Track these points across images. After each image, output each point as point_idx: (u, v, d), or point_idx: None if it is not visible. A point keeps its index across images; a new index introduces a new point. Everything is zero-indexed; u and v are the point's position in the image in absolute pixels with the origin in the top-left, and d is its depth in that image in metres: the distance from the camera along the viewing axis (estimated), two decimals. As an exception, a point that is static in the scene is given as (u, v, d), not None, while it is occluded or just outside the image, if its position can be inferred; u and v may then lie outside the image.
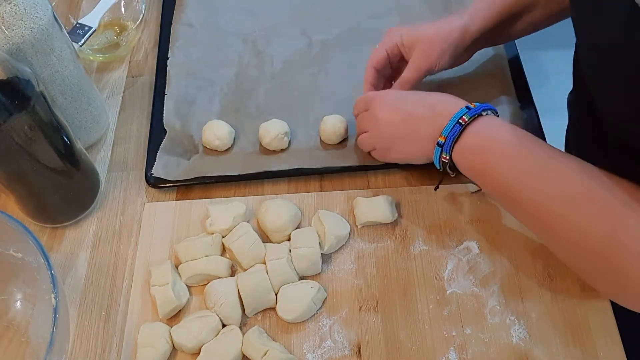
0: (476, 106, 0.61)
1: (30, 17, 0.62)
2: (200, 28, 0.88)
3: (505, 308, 0.62)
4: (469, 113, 0.60)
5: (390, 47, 0.71)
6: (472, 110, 0.60)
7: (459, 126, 0.60)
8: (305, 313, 0.62)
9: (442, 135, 0.61)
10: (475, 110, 0.60)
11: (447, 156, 0.61)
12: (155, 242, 0.69)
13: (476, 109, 0.60)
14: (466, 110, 0.60)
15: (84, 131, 0.75)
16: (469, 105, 0.61)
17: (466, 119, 0.60)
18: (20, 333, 0.63)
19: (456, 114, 0.60)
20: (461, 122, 0.60)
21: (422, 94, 0.66)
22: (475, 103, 0.61)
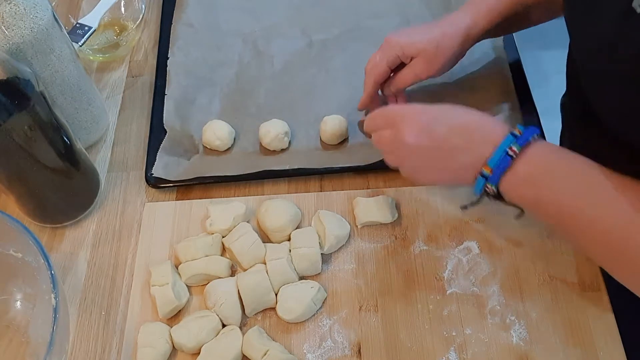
0: (522, 132, 0.55)
1: (30, 17, 0.62)
2: (200, 28, 0.88)
3: (505, 308, 0.62)
4: (518, 142, 0.54)
5: (392, 60, 0.69)
6: (521, 138, 0.54)
7: (508, 158, 0.54)
8: (305, 313, 0.62)
9: (488, 166, 0.55)
10: (525, 138, 0.54)
11: (493, 187, 0.56)
12: (155, 242, 0.69)
13: (524, 136, 0.55)
14: (513, 138, 0.55)
15: (84, 131, 0.75)
16: (514, 132, 0.55)
17: (516, 149, 0.54)
18: (20, 333, 0.63)
19: (503, 142, 0.55)
20: (511, 153, 0.54)
21: (454, 114, 0.59)
22: (519, 127, 0.56)
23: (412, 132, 0.58)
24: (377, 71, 0.70)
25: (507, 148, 0.54)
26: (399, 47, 0.68)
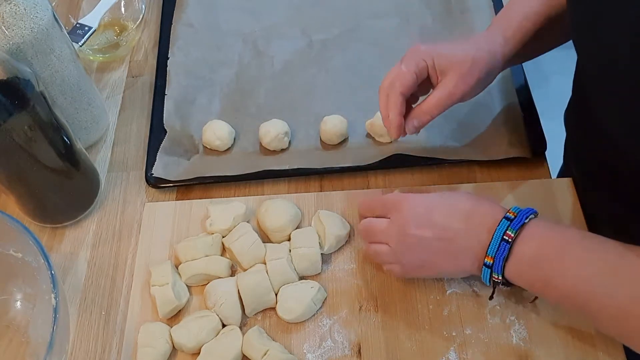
0: (517, 214, 0.54)
1: (30, 17, 0.62)
2: (200, 28, 0.88)
3: (505, 308, 0.62)
4: (512, 226, 0.53)
5: (420, 70, 0.61)
6: (515, 221, 0.54)
7: (505, 244, 0.53)
8: (305, 313, 0.62)
9: (489, 255, 0.54)
10: (519, 222, 0.54)
11: (499, 276, 0.55)
12: (155, 242, 0.69)
13: (518, 218, 0.54)
14: (507, 222, 0.54)
15: (84, 131, 0.75)
16: (508, 215, 0.54)
17: (512, 234, 0.53)
18: (20, 333, 0.63)
19: (498, 229, 0.54)
20: (507, 238, 0.53)
21: (451, 199, 0.58)
22: (513, 208, 0.55)
23: (412, 223, 0.57)
24: (403, 81, 0.61)
25: (502, 234, 0.54)
26: (430, 56, 0.61)
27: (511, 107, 0.75)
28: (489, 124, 0.74)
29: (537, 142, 0.72)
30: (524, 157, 0.71)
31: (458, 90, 0.61)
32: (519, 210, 0.55)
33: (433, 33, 0.84)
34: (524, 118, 0.74)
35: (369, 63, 0.82)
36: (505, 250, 0.53)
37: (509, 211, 0.55)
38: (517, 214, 0.54)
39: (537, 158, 0.72)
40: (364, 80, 0.81)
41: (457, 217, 0.57)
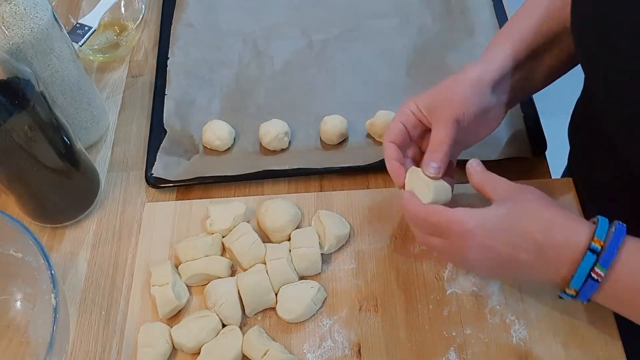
0: (605, 244, 0.48)
1: (30, 17, 0.62)
2: (200, 28, 0.88)
3: (505, 308, 0.62)
4: (602, 263, 0.48)
5: (406, 118, 0.60)
6: (605, 256, 0.47)
7: (594, 282, 0.48)
8: (305, 313, 0.62)
9: (572, 288, 0.50)
10: (610, 254, 0.47)
11: (584, 302, 0.52)
12: (155, 242, 0.69)
13: (608, 251, 0.47)
14: (594, 257, 0.48)
15: (84, 131, 0.75)
16: (594, 246, 0.48)
17: (601, 273, 0.48)
18: (20, 333, 0.63)
19: (583, 264, 0.48)
20: (595, 277, 0.48)
21: (513, 221, 0.51)
22: (597, 230, 0.48)
23: (472, 249, 0.52)
24: (392, 132, 0.60)
25: (589, 271, 0.48)
26: (412, 103, 0.60)
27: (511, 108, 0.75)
28: None
29: (537, 142, 0.72)
30: (524, 157, 0.71)
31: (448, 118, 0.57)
32: (605, 235, 0.48)
33: (433, 33, 0.85)
34: (524, 118, 0.74)
35: (369, 63, 0.82)
36: (594, 287, 0.49)
37: (594, 239, 0.48)
38: (606, 243, 0.48)
39: (537, 158, 0.72)
40: (364, 80, 0.81)
41: (524, 246, 0.50)
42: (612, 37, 0.49)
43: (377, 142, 0.74)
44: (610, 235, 0.48)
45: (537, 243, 0.50)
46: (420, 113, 0.60)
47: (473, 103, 0.58)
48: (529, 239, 0.50)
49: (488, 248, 0.51)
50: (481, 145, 0.71)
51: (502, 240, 0.51)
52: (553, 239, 0.50)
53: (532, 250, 0.50)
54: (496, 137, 0.73)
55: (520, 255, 0.51)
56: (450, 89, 0.59)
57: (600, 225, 0.49)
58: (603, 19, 0.50)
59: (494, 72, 0.60)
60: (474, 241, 0.51)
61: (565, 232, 0.50)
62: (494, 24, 0.84)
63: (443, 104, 0.58)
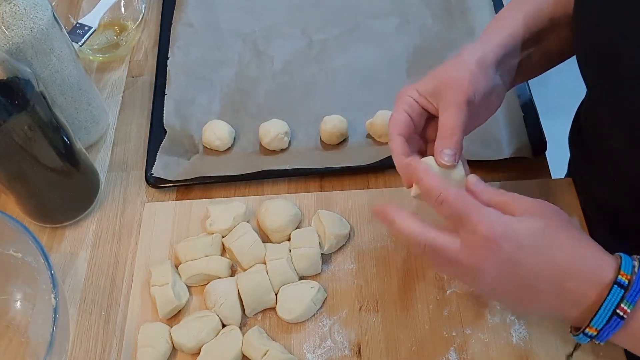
0: (632, 278, 0.44)
1: (30, 17, 0.62)
2: (200, 28, 0.88)
3: (505, 308, 0.62)
4: (629, 298, 0.44)
5: (409, 106, 0.56)
6: (632, 292, 0.44)
7: (618, 320, 0.45)
8: (305, 313, 0.62)
9: (592, 327, 0.46)
10: (638, 291, 0.44)
11: (599, 343, 0.48)
12: (155, 242, 0.69)
13: (636, 286, 0.44)
14: (621, 291, 0.44)
15: (84, 131, 0.75)
16: (621, 280, 0.44)
17: (627, 309, 0.44)
18: (20, 333, 0.63)
19: (608, 299, 0.44)
20: (621, 313, 0.44)
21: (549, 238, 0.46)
22: (623, 264, 0.45)
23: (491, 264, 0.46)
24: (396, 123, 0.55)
25: (615, 307, 0.44)
26: (413, 90, 0.56)
27: (511, 107, 0.75)
28: (489, 124, 0.74)
29: (537, 142, 0.72)
30: (524, 157, 0.71)
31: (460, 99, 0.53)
32: (631, 269, 0.45)
33: (433, 33, 0.84)
34: (525, 118, 0.74)
35: (369, 63, 0.82)
36: (617, 326, 0.45)
37: (620, 272, 0.45)
38: (633, 277, 0.44)
39: (538, 158, 0.72)
40: (364, 80, 0.81)
41: (547, 275, 0.46)
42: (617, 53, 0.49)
43: (377, 142, 0.74)
44: (637, 270, 0.45)
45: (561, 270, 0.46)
46: (424, 99, 0.56)
47: (481, 82, 0.55)
48: (554, 265, 0.46)
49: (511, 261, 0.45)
50: (482, 145, 0.72)
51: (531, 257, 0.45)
52: (578, 269, 0.46)
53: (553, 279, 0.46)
54: (496, 137, 0.73)
55: (541, 284, 0.46)
56: (456, 70, 0.55)
57: (625, 260, 0.46)
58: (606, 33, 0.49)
59: (495, 51, 0.57)
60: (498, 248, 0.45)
61: (592, 264, 0.46)
62: (494, 24, 0.84)
63: (451, 86, 0.54)
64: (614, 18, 0.49)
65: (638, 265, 0.45)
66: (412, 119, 0.56)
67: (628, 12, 0.48)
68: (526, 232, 0.46)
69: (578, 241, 0.47)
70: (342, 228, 0.66)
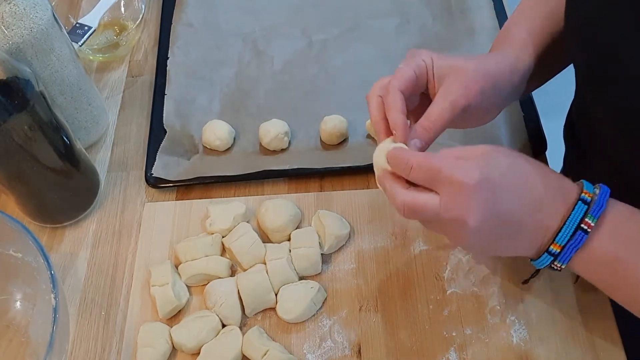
0: (594, 196, 0.47)
1: (30, 17, 0.62)
2: (200, 28, 0.88)
3: (505, 308, 0.62)
4: (592, 213, 0.46)
5: (420, 69, 0.54)
6: (596, 205, 0.46)
7: (582, 234, 0.46)
8: (305, 313, 0.62)
9: (557, 244, 0.47)
10: (600, 205, 0.46)
11: (561, 265, 0.49)
12: (155, 242, 0.69)
13: (600, 201, 0.46)
14: (584, 207, 0.46)
15: (84, 131, 0.75)
16: (585, 197, 0.47)
17: (591, 223, 0.46)
18: (20, 333, 0.63)
19: (573, 213, 0.46)
20: (585, 227, 0.46)
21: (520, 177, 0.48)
22: (587, 186, 0.48)
23: (475, 211, 0.46)
24: (401, 77, 0.53)
25: (579, 221, 0.46)
26: (429, 56, 0.54)
27: (511, 107, 0.75)
28: (489, 123, 0.74)
29: (537, 142, 0.72)
30: (524, 157, 0.71)
31: (460, 100, 0.52)
32: (593, 189, 0.47)
33: (433, 33, 0.84)
34: (524, 118, 0.74)
35: (369, 63, 0.82)
36: (581, 240, 0.46)
37: (583, 191, 0.47)
38: (595, 195, 0.47)
39: (538, 158, 0.71)
40: (364, 80, 0.80)
41: (527, 206, 0.47)
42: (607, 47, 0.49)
43: (377, 142, 0.74)
44: (598, 190, 0.47)
45: (538, 198, 0.47)
46: (432, 73, 0.54)
47: (487, 98, 0.54)
48: (531, 195, 0.47)
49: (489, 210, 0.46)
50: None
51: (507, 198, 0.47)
52: (550, 191, 0.48)
53: (532, 208, 0.47)
54: (496, 137, 0.73)
55: (524, 216, 0.47)
56: (473, 76, 0.53)
57: (587, 183, 0.48)
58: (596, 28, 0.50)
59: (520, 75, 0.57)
60: (476, 201, 0.46)
61: (559, 188, 0.48)
62: (494, 24, 0.84)
63: (459, 84, 0.53)
64: (604, 12, 0.49)
65: (600, 187, 0.48)
66: (417, 79, 0.54)
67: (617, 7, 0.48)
68: (499, 171, 0.47)
69: (543, 171, 0.49)
70: (342, 228, 0.66)
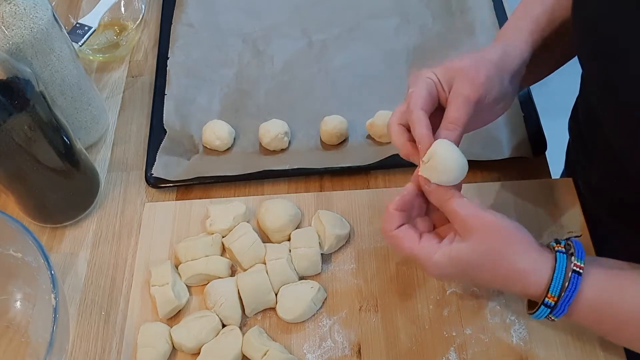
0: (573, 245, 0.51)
1: (30, 17, 0.62)
2: (200, 28, 0.88)
3: (505, 308, 0.62)
4: (578, 255, 0.50)
5: (429, 87, 0.56)
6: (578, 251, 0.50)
7: (577, 277, 0.49)
8: (305, 313, 0.62)
9: (551, 295, 0.50)
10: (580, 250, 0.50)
11: (555, 318, 0.52)
12: (155, 242, 0.69)
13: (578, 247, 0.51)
14: (547, 310, 0.51)
15: (84, 131, 0.75)
16: (548, 302, 0.50)
17: (580, 264, 0.49)
18: (20, 333, 0.63)
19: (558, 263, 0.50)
20: (577, 269, 0.49)
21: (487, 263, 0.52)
22: (551, 289, 0.50)
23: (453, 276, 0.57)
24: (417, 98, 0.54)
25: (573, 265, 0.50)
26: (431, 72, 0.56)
27: (511, 108, 0.74)
28: (491, 124, 0.74)
29: (537, 142, 0.72)
30: (524, 157, 0.71)
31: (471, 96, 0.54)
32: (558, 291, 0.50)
33: (433, 33, 0.84)
34: (524, 118, 0.74)
35: (369, 63, 0.82)
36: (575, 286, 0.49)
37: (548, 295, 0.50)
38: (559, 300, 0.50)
39: (538, 158, 0.72)
40: (364, 80, 0.81)
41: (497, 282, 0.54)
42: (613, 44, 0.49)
43: (377, 142, 0.74)
44: (564, 291, 0.50)
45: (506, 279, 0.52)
46: (440, 85, 0.56)
47: (495, 86, 0.56)
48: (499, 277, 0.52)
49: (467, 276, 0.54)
50: (482, 145, 0.72)
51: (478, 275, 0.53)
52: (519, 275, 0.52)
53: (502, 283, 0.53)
54: (496, 137, 0.73)
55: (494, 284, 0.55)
56: (474, 68, 0.55)
57: (556, 275, 0.50)
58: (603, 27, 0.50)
59: (515, 59, 0.58)
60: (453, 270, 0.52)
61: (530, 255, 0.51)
62: (494, 24, 0.84)
63: (466, 82, 0.54)
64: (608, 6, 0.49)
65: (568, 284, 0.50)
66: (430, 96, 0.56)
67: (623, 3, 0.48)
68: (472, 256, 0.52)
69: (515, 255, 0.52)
70: (342, 228, 0.66)
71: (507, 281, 0.52)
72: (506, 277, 0.52)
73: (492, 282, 0.54)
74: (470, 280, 0.60)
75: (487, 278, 0.53)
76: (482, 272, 0.52)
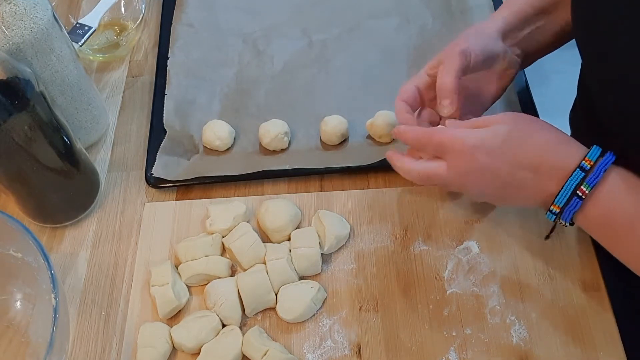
0: (596, 166, 0.50)
1: (30, 17, 0.62)
2: (200, 28, 0.88)
3: (505, 308, 0.62)
4: (588, 182, 0.50)
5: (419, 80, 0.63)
6: (592, 176, 0.50)
7: (578, 200, 0.51)
8: (305, 313, 0.62)
9: (556, 205, 0.52)
10: (597, 175, 0.50)
11: (566, 223, 0.53)
12: (155, 242, 0.69)
13: (596, 173, 0.50)
14: (582, 174, 0.50)
15: (84, 131, 0.75)
16: (584, 165, 0.50)
17: (586, 190, 0.50)
18: (20, 333, 0.63)
19: (570, 180, 0.50)
20: (580, 194, 0.50)
21: (516, 139, 0.53)
22: (589, 154, 0.51)
23: (469, 171, 0.54)
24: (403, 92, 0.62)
25: (574, 187, 0.50)
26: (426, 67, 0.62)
27: (511, 107, 0.75)
28: None
29: (537, 142, 0.72)
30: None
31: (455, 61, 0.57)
32: (596, 158, 0.50)
33: (433, 33, 0.84)
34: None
35: (369, 63, 0.82)
36: (576, 206, 0.51)
37: (585, 158, 0.50)
38: (595, 163, 0.50)
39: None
40: (364, 80, 0.81)
41: (525, 164, 0.52)
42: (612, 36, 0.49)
43: (377, 142, 0.74)
44: (600, 159, 0.51)
45: (534, 163, 0.52)
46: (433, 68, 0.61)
47: (478, 41, 0.59)
48: (527, 158, 0.52)
49: (487, 166, 0.53)
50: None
51: (502, 158, 0.53)
52: (548, 159, 0.52)
53: (529, 169, 0.52)
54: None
55: (518, 173, 0.52)
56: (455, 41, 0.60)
57: (594, 150, 0.51)
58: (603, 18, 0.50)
59: (497, 20, 0.62)
60: (473, 158, 0.53)
61: (560, 153, 0.52)
62: (494, 24, 0.84)
63: (447, 50, 0.59)
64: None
65: (605, 159, 0.50)
66: (419, 90, 0.62)
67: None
68: (495, 138, 0.53)
69: (547, 135, 0.53)
70: (342, 228, 0.66)
71: (545, 151, 0.52)
72: (548, 142, 0.52)
73: (528, 154, 0.52)
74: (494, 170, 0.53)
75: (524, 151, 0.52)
76: (522, 144, 0.52)
